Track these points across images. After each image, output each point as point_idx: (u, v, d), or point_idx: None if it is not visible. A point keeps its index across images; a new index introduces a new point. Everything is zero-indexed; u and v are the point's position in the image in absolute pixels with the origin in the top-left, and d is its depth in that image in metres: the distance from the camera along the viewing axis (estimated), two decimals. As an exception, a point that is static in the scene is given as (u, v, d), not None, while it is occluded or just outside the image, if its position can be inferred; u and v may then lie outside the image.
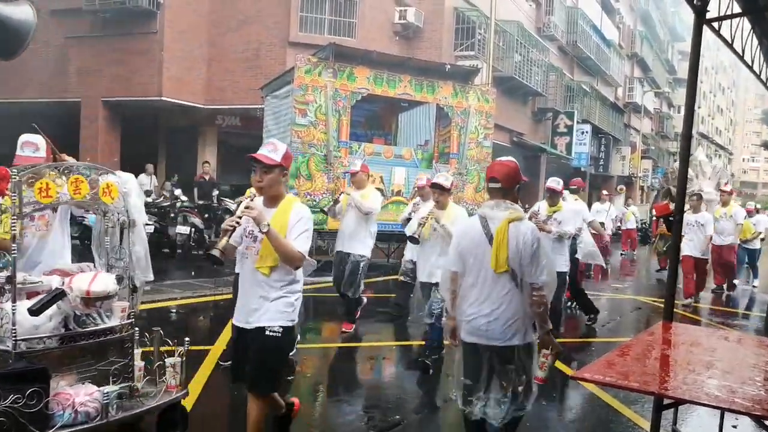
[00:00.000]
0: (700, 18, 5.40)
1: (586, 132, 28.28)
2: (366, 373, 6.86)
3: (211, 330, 7.84)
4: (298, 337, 7.44)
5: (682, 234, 7.66)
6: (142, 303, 8.58)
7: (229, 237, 3.68)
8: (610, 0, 34.68)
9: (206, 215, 14.77)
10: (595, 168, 32.21)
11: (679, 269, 5.92)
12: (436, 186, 6.44)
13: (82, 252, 7.63)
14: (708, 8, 5.43)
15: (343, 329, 7.84)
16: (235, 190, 16.43)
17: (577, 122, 27.32)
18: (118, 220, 4.23)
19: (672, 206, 6.56)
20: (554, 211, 7.95)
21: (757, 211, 17.67)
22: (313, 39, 16.78)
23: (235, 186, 17.11)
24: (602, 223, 16.37)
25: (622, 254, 20.51)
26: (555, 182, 8.13)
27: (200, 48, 17.51)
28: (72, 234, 5.80)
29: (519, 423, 3.88)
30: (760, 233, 15.02)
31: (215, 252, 3.58)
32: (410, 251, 7.55)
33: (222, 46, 17.62)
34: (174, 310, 8.84)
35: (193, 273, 11.48)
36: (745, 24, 6.75)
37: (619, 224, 21.03)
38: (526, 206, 23.39)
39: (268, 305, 3.79)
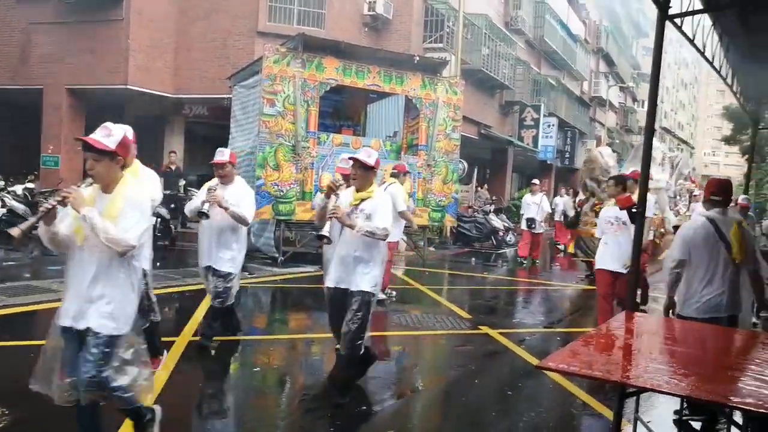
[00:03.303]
0: (663, 14, 5.55)
1: (553, 125, 28.52)
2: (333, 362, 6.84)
3: (177, 321, 7.74)
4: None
5: (599, 236, 7.19)
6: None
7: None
8: (576, -5, 35.06)
9: (172, 205, 14.63)
10: (561, 161, 32.57)
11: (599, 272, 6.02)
12: (216, 165, 5.44)
13: None
14: (671, 4, 5.59)
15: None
16: (202, 180, 16.25)
17: (544, 115, 27.57)
18: None
19: (635, 197, 6.23)
20: (362, 199, 5.21)
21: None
22: (281, 29, 16.69)
23: (201, 176, 16.94)
24: (532, 219, 14.63)
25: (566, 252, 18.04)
26: (366, 154, 5.26)
27: (168, 36, 17.28)
28: None
29: None
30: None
31: None
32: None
33: (190, 35, 17.43)
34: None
35: (158, 264, 11.37)
36: (707, 21, 6.94)
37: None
38: (493, 198, 23.18)
39: None
